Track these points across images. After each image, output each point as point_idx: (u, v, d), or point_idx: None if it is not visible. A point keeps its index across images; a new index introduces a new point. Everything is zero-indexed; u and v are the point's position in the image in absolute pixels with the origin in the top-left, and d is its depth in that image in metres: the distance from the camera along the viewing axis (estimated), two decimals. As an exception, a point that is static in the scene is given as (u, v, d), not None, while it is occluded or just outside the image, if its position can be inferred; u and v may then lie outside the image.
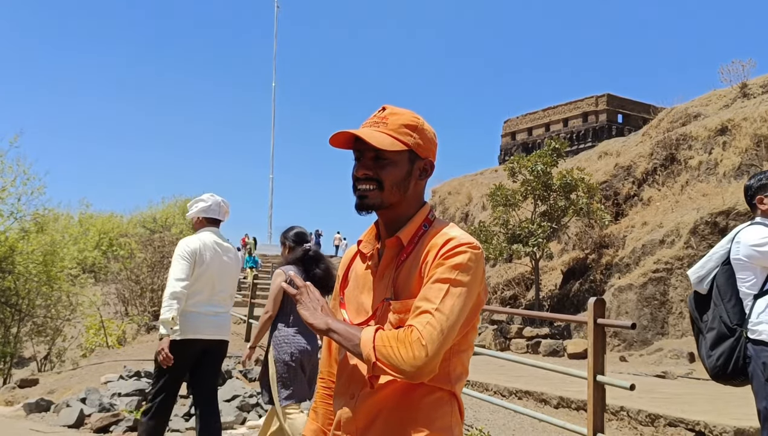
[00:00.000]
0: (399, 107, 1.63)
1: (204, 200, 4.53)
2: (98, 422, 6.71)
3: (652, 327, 14.64)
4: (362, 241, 1.68)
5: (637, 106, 54.87)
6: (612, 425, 6.52)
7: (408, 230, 1.59)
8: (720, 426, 5.80)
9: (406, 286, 1.54)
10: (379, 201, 1.57)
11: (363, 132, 1.55)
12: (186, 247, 4.30)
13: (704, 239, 14.60)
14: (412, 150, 1.58)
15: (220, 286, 4.41)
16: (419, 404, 1.50)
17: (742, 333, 3.18)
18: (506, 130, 62.93)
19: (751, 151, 16.70)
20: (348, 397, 1.55)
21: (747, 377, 3.20)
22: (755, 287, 3.17)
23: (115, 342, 16.69)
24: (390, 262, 1.59)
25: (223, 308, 4.46)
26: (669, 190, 18.37)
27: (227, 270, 4.47)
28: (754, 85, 20.46)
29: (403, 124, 1.58)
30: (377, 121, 1.59)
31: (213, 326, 4.35)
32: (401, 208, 1.60)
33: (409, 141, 1.57)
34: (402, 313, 1.52)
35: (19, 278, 17.13)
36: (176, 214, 36.59)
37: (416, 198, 1.63)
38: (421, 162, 1.60)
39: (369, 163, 1.57)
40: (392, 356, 1.39)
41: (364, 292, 1.63)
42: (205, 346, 4.35)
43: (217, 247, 4.43)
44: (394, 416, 1.50)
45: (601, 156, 23.59)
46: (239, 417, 6.69)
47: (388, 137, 1.55)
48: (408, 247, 1.58)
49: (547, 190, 17.72)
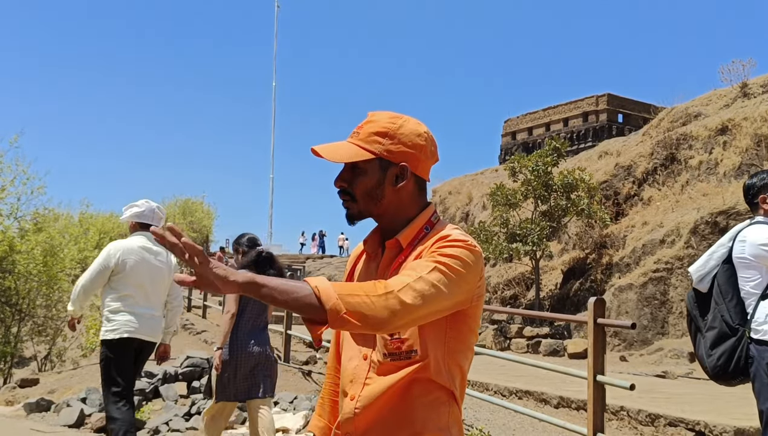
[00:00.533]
0: (381, 112, 1.61)
1: (138, 206, 4.70)
2: (99, 422, 6.72)
3: (652, 327, 14.64)
4: (368, 240, 1.67)
5: (637, 105, 54.84)
6: (612, 425, 6.52)
7: (408, 232, 1.58)
8: (720, 426, 5.80)
9: None
10: (356, 212, 1.57)
11: (324, 148, 1.55)
12: (108, 249, 4.57)
13: (704, 239, 14.59)
14: (381, 157, 1.55)
15: (151, 288, 4.61)
16: (417, 404, 1.50)
17: (744, 333, 3.16)
18: (507, 130, 62.89)
19: (752, 151, 16.70)
20: (349, 399, 1.55)
21: (747, 377, 3.18)
22: (760, 286, 3.14)
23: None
24: (389, 263, 1.58)
25: (156, 311, 4.66)
26: (669, 190, 18.37)
27: (158, 273, 4.65)
28: (754, 85, 20.45)
29: (373, 132, 1.56)
30: (356, 131, 1.59)
31: (147, 328, 4.55)
32: (390, 215, 1.59)
33: (377, 148, 1.55)
34: None
35: (19, 278, 17.12)
36: (176, 214, 36.55)
37: (406, 202, 1.59)
38: (395, 168, 1.56)
39: (345, 174, 1.58)
40: (363, 303, 1.30)
41: None
42: (140, 345, 4.55)
43: (145, 251, 4.62)
44: (393, 417, 1.50)
45: (602, 156, 23.58)
46: (240, 417, 6.70)
47: (353, 148, 1.55)
48: (407, 249, 1.57)
49: (548, 190, 17.72)
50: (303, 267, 19.75)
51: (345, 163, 1.57)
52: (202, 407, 7.01)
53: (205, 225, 37.84)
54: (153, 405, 7.65)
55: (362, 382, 1.53)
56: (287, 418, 6.33)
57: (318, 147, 1.54)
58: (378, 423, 1.50)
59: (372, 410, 1.51)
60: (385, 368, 1.52)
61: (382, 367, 1.52)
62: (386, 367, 1.51)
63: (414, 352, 1.50)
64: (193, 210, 37.85)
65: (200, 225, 36.91)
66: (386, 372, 1.51)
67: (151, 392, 7.84)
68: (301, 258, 32.35)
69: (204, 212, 38.72)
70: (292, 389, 8.03)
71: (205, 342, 11.49)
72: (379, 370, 1.52)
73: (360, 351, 1.57)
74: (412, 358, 1.50)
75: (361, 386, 1.53)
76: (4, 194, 17.57)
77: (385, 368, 1.52)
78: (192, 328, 13.56)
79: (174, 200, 38.52)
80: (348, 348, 1.63)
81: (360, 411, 1.51)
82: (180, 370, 8.18)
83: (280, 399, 7.11)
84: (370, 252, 1.66)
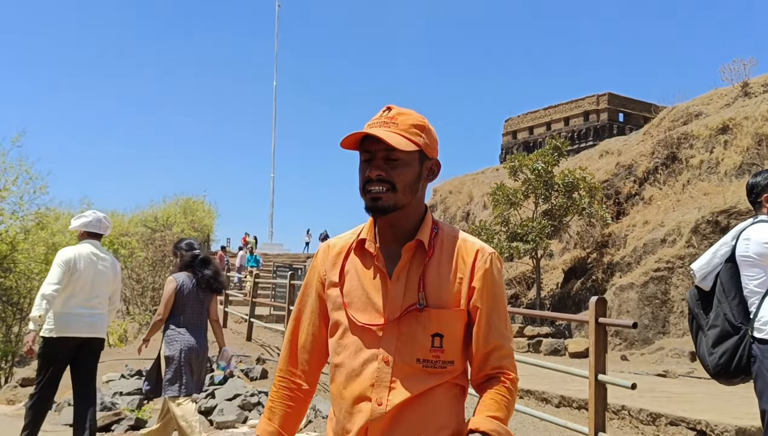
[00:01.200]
0: (402, 108, 1.61)
1: (86, 216, 5.22)
2: (100, 421, 6.71)
3: (654, 326, 14.64)
4: (365, 238, 1.63)
5: (638, 105, 54.80)
6: (613, 424, 6.51)
7: (425, 231, 1.59)
8: (721, 425, 5.79)
9: (441, 293, 1.56)
10: (392, 203, 1.54)
11: (380, 132, 1.52)
12: (62, 256, 4.98)
13: (705, 238, 14.58)
14: (422, 150, 1.57)
15: (95, 291, 5.06)
16: (442, 401, 1.54)
17: (747, 332, 3.15)
18: (507, 129, 62.88)
19: (753, 150, 16.68)
20: (375, 403, 1.51)
21: (748, 375, 3.16)
22: (763, 285, 3.12)
23: (116, 341, 16.72)
24: (405, 264, 1.57)
25: (98, 310, 5.11)
26: (670, 189, 18.36)
27: (102, 277, 5.11)
28: (755, 84, 20.43)
29: (413, 124, 1.57)
30: (386, 122, 1.56)
31: (87, 326, 4.99)
32: (411, 209, 1.60)
33: (420, 141, 1.56)
34: (440, 322, 1.55)
35: (20, 277, 17.15)
36: (177, 213, 36.50)
37: (422, 198, 1.63)
38: (429, 162, 1.61)
39: (381, 163, 1.55)
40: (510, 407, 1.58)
41: (372, 292, 1.58)
42: (81, 342, 4.98)
43: (93, 257, 5.08)
44: (420, 417, 1.52)
45: (603, 155, 23.57)
46: (241, 416, 6.70)
47: (402, 138, 1.53)
48: (429, 250, 1.58)
49: (549, 190, 17.71)
50: (304, 266, 19.72)
51: (377, 153, 1.55)
52: (203, 406, 7.01)
53: (206, 224, 37.80)
54: (154, 404, 7.65)
55: (387, 386, 1.51)
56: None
57: (373, 131, 1.53)
58: (406, 424, 1.51)
59: (402, 413, 1.51)
60: (414, 372, 1.52)
61: (409, 371, 1.52)
62: (415, 372, 1.53)
63: (451, 363, 1.56)
64: (194, 209, 37.80)
65: (201, 224, 36.86)
66: (415, 377, 1.52)
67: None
68: (302, 257, 32.35)
69: (205, 211, 38.67)
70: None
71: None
72: (406, 374, 1.52)
73: (377, 354, 1.54)
74: (447, 368, 1.55)
75: (387, 390, 1.51)
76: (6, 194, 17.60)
77: (413, 372, 1.52)
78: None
79: (175, 199, 38.48)
80: (355, 351, 1.57)
81: (389, 415, 1.50)
82: (181, 369, 8.16)
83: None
84: (372, 251, 1.61)
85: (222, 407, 6.86)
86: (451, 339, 1.55)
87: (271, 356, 10.05)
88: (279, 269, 16.59)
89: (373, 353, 1.54)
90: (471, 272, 1.57)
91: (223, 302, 14.00)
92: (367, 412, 1.51)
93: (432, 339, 1.53)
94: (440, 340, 1.54)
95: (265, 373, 8.84)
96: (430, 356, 1.53)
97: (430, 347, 1.53)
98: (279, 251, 35.50)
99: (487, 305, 1.57)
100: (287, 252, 35.79)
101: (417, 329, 1.53)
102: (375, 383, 1.52)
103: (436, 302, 1.55)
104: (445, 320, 1.54)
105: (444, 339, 1.54)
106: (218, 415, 6.74)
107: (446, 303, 1.55)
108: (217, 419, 6.65)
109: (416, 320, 1.54)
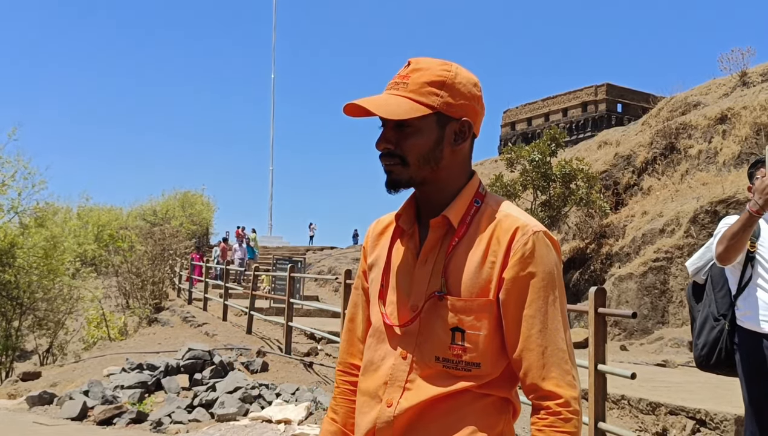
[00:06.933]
0: (427, 58, 1.34)
1: None
2: (101, 415, 6.75)
3: (653, 316, 14.67)
4: (401, 215, 1.39)
5: (636, 95, 54.75)
6: (613, 414, 6.54)
7: (457, 207, 1.32)
8: (721, 414, 5.82)
9: (464, 279, 1.29)
10: (406, 177, 1.31)
11: (372, 101, 1.29)
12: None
13: (704, 228, 14.60)
14: (440, 112, 1.30)
15: None
16: (467, 411, 1.28)
17: (725, 324, 3.14)
18: (506, 121, 62.85)
19: (751, 140, 16.68)
20: (385, 405, 1.31)
21: (731, 367, 3.14)
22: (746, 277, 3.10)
23: (117, 335, 16.74)
24: (434, 245, 1.33)
25: None
26: (669, 180, 18.37)
27: None
28: (753, 74, 20.41)
29: (427, 81, 1.29)
30: (398, 82, 1.32)
31: None
32: (441, 182, 1.34)
33: (435, 102, 1.29)
34: (464, 314, 1.29)
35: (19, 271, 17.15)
36: (176, 206, 36.56)
37: (460, 167, 1.35)
38: (455, 124, 1.31)
39: (390, 134, 1.31)
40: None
41: (400, 276, 1.37)
42: None
43: None
44: (437, 424, 1.29)
45: (601, 145, 23.57)
46: (242, 409, 6.72)
47: (406, 102, 1.28)
48: (460, 228, 1.31)
49: (547, 181, 17.72)
50: (303, 259, 19.74)
51: (387, 121, 1.31)
52: (205, 399, 7.03)
53: (205, 218, 37.85)
54: (155, 397, 7.67)
55: (401, 386, 1.31)
56: (289, 409, 6.35)
57: (362, 101, 1.29)
58: (419, 430, 1.29)
59: (414, 418, 1.29)
60: (433, 372, 1.30)
61: (428, 370, 1.30)
62: (435, 371, 1.30)
63: (476, 365, 1.29)
64: (193, 203, 37.85)
65: (200, 218, 36.92)
66: (434, 377, 1.29)
67: (153, 385, 7.87)
68: (301, 250, 32.35)
69: (203, 205, 38.72)
70: (294, 380, 8.05)
71: (206, 335, 11.49)
72: (424, 373, 1.30)
73: (397, 348, 1.33)
74: (471, 371, 1.29)
75: (401, 391, 1.30)
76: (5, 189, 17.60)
77: (432, 372, 1.30)
78: (193, 320, 13.56)
79: (173, 193, 38.53)
80: (377, 343, 1.38)
81: (399, 419, 1.29)
82: (182, 362, 8.20)
83: (282, 391, 7.13)
84: (407, 229, 1.38)
85: (223, 400, 6.87)
86: (473, 336, 1.28)
87: (271, 349, 10.07)
88: (279, 262, 16.57)
89: (393, 347, 1.34)
90: (505, 256, 1.27)
91: (223, 295, 14.01)
92: (375, 415, 1.32)
93: (452, 334, 1.29)
94: (461, 336, 1.28)
95: (266, 365, 8.86)
96: (450, 354, 1.29)
97: (450, 344, 1.29)
98: (278, 244, 35.48)
99: (517, 300, 1.27)
100: (287, 245, 35.79)
101: (436, 321, 1.30)
102: (389, 381, 1.32)
103: (457, 290, 1.29)
104: (465, 311, 1.28)
105: (465, 336, 1.28)
106: (219, 408, 6.76)
107: (469, 291, 1.28)
108: (218, 412, 6.67)
109: (436, 310, 1.30)
